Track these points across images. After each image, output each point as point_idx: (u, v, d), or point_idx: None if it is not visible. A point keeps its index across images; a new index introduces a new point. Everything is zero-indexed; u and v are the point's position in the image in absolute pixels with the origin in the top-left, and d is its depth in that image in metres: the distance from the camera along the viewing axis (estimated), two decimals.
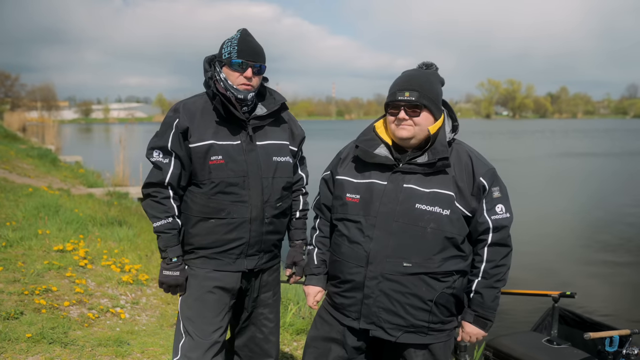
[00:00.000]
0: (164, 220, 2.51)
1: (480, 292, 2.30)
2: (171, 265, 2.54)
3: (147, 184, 2.55)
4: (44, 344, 3.83)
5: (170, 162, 2.51)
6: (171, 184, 2.52)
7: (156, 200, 2.52)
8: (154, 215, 2.52)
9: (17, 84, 69.47)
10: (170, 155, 2.52)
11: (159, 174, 2.51)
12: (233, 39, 2.54)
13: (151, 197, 2.54)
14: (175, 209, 2.54)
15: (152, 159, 2.54)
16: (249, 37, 2.55)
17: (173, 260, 2.53)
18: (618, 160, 29.90)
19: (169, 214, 2.52)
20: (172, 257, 2.53)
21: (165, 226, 2.52)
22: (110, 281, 5.33)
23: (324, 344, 2.48)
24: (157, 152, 2.54)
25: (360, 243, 2.30)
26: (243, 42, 2.51)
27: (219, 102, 2.49)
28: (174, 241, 2.53)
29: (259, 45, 2.57)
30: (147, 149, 2.57)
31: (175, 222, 2.54)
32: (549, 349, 3.35)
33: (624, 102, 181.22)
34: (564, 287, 3.81)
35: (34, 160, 16.60)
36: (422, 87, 2.25)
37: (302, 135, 2.81)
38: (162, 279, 2.56)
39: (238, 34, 2.55)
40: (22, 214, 7.32)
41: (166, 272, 2.55)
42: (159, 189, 2.52)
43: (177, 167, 2.52)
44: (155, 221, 2.52)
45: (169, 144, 2.51)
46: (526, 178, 21.18)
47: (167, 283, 2.56)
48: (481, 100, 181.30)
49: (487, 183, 2.25)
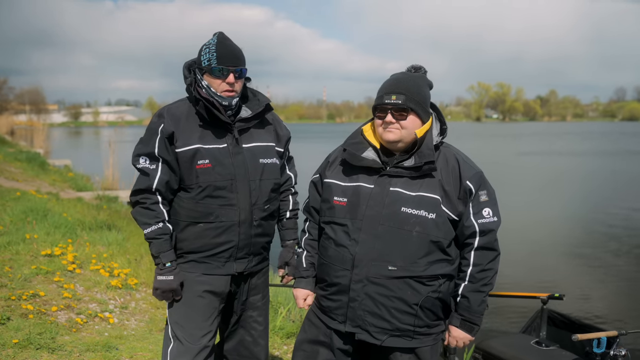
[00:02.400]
0: (154, 226, 2.49)
1: (466, 296, 2.30)
2: (165, 270, 2.51)
3: (135, 191, 2.53)
4: (31, 350, 3.80)
5: (157, 168, 2.49)
6: (159, 190, 2.50)
7: (145, 206, 2.50)
8: (144, 222, 2.50)
9: (5, 87, 68.90)
10: (157, 161, 2.50)
11: (146, 180, 2.49)
12: (210, 44, 2.50)
13: (140, 204, 2.52)
14: (165, 214, 2.52)
15: (139, 165, 2.52)
16: (226, 41, 2.52)
17: (167, 266, 2.51)
18: (606, 163, 30.10)
19: (159, 219, 2.50)
20: (166, 262, 2.51)
21: (156, 232, 2.50)
22: (99, 286, 5.29)
23: (312, 347, 2.47)
24: (144, 159, 2.51)
25: (346, 246, 2.30)
26: (221, 47, 2.48)
27: (203, 107, 2.48)
28: (166, 246, 2.51)
29: (238, 48, 2.54)
30: (133, 156, 2.55)
31: (166, 227, 2.52)
32: (538, 350, 3.36)
33: (612, 105, 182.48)
34: (552, 289, 3.83)
35: (22, 163, 16.50)
36: (409, 91, 2.25)
37: (287, 136, 2.80)
38: (157, 285, 2.54)
39: (215, 39, 2.52)
40: (9, 218, 7.26)
41: (160, 278, 2.52)
42: (147, 195, 2.50)
43: (165, 173, 2.50)
44: (146, 228, 2.50)
45: (155, 150, 2.49)
46: (515, 180, 21.29)
47: (162, 288, 2.53)
48: (471, 104, 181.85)
49: (474, 187, 2.26)
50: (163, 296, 2.55)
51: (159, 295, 2.55)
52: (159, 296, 2.55)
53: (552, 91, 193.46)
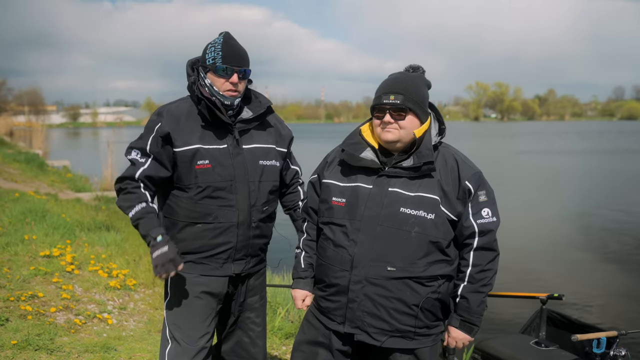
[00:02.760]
0: (137, 206, 2.45)
1: (466, 297, 2.29)
2: (157, 244, 2.39)
3: (119, 179, 2.53)
4: (29, 351, 3.79)
5: (146, 162, 2.49)
6: (142, 180, 2.48)
7: (127, 191, 2.48)
8: (128, 206, 2.46)
9: (3, 88, 68.97)
10: (148, 156, 2.49)
11: (131, 169, 2.50)
12: (216, 43, 2.51)
13: (122, 190, 2.51)
14: (147, 196, 2.49)
15: (130, 156, 2.53)
16: (232, 41, 2.53)
17: (158, 240, 2.40)
18: (605, 161, 30.13)
19: (141, 200, 2.47)
20: (156, 236, 2.41)
21: (140, 212, 2.44)
22: (98, 286, 5.29)
23: (311, 348, 2.47)
24: (136, 152, 2.52)
25: (344, 247, 2.30)
26: (227, 47, 2.49)
27: (205, 106, 2.48)
28: (153, 223, 2.44)
29: (243, 48, 2.55)
30: (127, 147, 2.56)
31: (150, 206, 2.47)
32: (537, 351, 3.36)
33: (611, 104, 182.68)
34: (551, 288, 3.82)
35: (21, 164, 16.48)
36: (407, 91, 2.24)
37: (290, 136, 2.81)
38: (155, 262, 2.39)
39: (221, 38, 2.52)
40: (8, 219, 7.26)
41: (155, 253, 2.38)
42: (129, 182, 2.49)
43: (152, 168, 2.49)
44: (130, 210, 2.45)
45: (147, 147, 2.49)
46: (514, 180, 21.30)
47: (160, 262, 2.37)
48: (469, 103, 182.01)
49: (473, 187, 2.25)
50: (165, 269, 2.37)
51: (161, 270, 2.37)
52: (161, 270, 2.38)
53: (550, 90, 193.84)
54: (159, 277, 2.41)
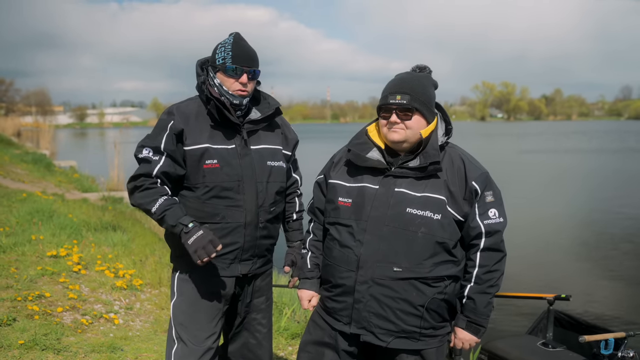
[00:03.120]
0: (160, 199, 2.38)
1: (472, 298, 2.29)
2: (191, 230, 2.32)
3: (133, 177, 2.44)
4: (36, 351, 3.81)
5: (160, 159, 2.43)
6: (159, 176, 2.42)
7: (144, 187, 2.41)
8: (149, 201, 2.38)
9: (11, 89, 69.57)
10: (162, 154, 2.44)
11: (147, 167, 2.42)
12: (226, 43, 2.51)
13: (137, 188, 2.42)
14: (167, 190, 2.43)
15: (141, 155, 2.45)
16: (242, 42, 2.53)
17: (190, 226, 2.33)
18: (613, 161, 29.98)
19: (162, 193, 2.41)
20: (187, 223, 2.33)
21: (164, 204, 2.37)
22: (104, 286, 5.30)
23: (317, 349, 2.46)
24: (147, 150, 2.45)
25: (351, 247, 2.29)
26: (237, 47, 2.49)
27: (214, 106, 2.47)
28: (180, 212, 2.37)
29: (253, 49, 2.55)
30: (137, 147, 2.49)
31: (172, 198, 2.43)
32: (545, 352, 3.34)
33: (618, 103, 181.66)
34: (559, 289, 3.80)
35: (29, 165, 16.57)
36: (413, 91, 2.24)
37: (295, 140, 2.81)
38: (193, 248, 2.29)
39: (231, 38, 2.52)
40: (15, 219, 7.29)
41: (191, 239, 2.30)
42: (146, 178, 2.42)
43: (167, 165, 2.43)
44: (152, 205, 2.37)
45: (162, 145, 2.44)
46: (521, 179, 21.23)
47: (199, 245, 2.29)
48: (476, 103, 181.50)
49: (480, 187, 2.24)
50: (206, 251, 2.28)
51: (201, 253, 2.28)
52: (202, 254, 2.28)
53: (557, 90, 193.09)
54: (200, 262, 2.31)
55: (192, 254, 2.31)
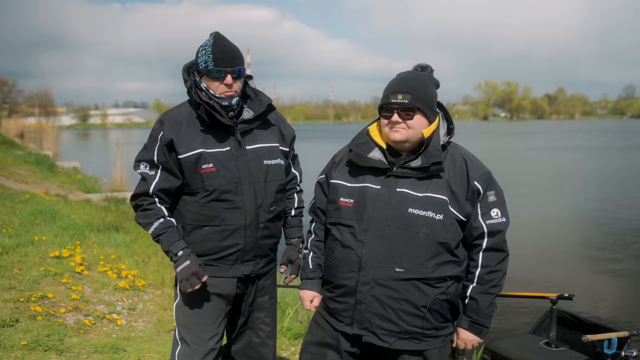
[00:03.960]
0: (155, 222, 2.50)
1: (475, 298, 2.27)
2: (179, 259, 2.47)
3: (133, 196, 2.56)
4: (39, 352, 3.81)
5: (156, 174, 2.51)
6: (156, 194, 2.51)
7: (143, 208, 2.52)
8: (147, 223, 2.52)
9: (14, 90, 69.72)
10: (157, 167, 2.51)
11: (144, 185, 2.52)
12: (207, 45, 2.47)
13: (138, 207, 2.55)
14: (163, 211, 2.52)
15: (139, 170, 2.55)
16: (222, 42, 2.49)
17: (179, 255, 2.47)
18: (616, 160, 29.89)
19: (158, 215, 2.51)
20: (177, 252, 2.48)
21: (159, 228, 2.50)
22: (107, 287, 5.31)
23: (319, 349, 2.46)
24: (144, 165, 2.53)
25: (352, 248, 2.28)
26: (217, 49, 2.45)
27: (204, 111, 2.46)
28: (174, 237, 2.50)
29: (235, 47, 2.51)
30: (135, 161, 2.57)
31: (168, 220, 2.52)
32: (548, 351, 3.33)
33: (621, 102, 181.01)
34: (562, 288, 3.80)
35: (32, 166, 16.60)
36: (415, 90, 2.23)
37: (292, 135, 2.78)
38: (179, 277, 2.47)
39: (211, 40, 2.49)
40: (18, 220, 7.31)
41: (179, 268, 2.47)
42: (144, 198, 2.52)
43: (163, 179, 2.50)
44: (149, 227, 2.51)
45: (154, 157, 2.50)
46: (523, 178, 21.19)
47: (184, 277, 2.44)
48: (478, 102, 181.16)
49: (482, 187, 2.23)
50: (190, 283, 2.44)
51: (187, 285, 2.44)
52: (187, 285, 2.44)
53: (560, 89, 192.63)
54: (185, 291, 2.48)
55: (178, 282, 2.52)
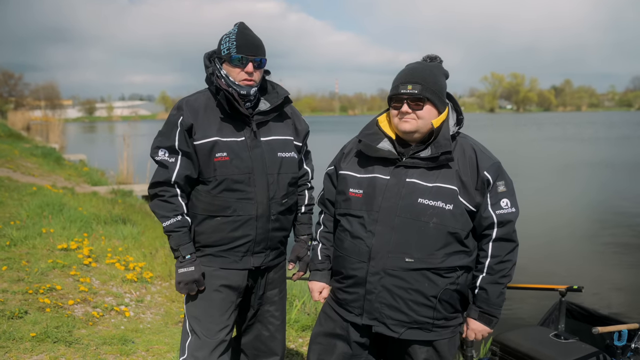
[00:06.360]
0: (173, 219, 2.48)
1: (485, 288, 2.27)
2: (185, 262, 2.50)
3: (154, 184, 2.51)
4: (48, 343, 3.83)
5: (177, 161, 2.47)
6: (178, 183, 2.48)
7: (164, 199, 2.49)
8: (163, 215, 2.49)
9: (20, 83, 69.91)
10: (177, 154, 2.47)
11: (165, 173, 2.47)
12: (231, 33, 2.49)
13: (158, 196, 2.50)
14: (183, 207, 2.51)
15: (157, 157, 2.50)
16: (247, 31, 2.50)
17: (186, 258, 2.49)
18: (625, 151, 29.69)
19: (177, 212, 2.49)
20: (185, 254, 2.49)
21: (175, 225, 2.48)
22: (115, 279, 5.32)
23: (329, 340, 2.46)
24: (163, 151, 2.49)
25: (362, 238, 2.28)
26: (241, 37, 2.46)
27: (223, 97, 2.45)
28: (185, 239, 2.50)
29: (258, 38, 2.52)
30: (152, 147, 2.52)
31: (185, 219, 2.51)
32: (557, 343, 3.31)
33: (629, 94, 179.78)
34: (571, 280, 3.77)
35: (38, 159, 16.64)
36: (425, 80, 2.21)
37: (306, 130, 2.78)
38: (179, 278, 2.51)
39: (235, 29, 2.50)
40: (26, 212, 7.33)
41: (181, 270, 2.50)
42: (166, 188, 2.48)
43: (184, 166, 2.47)
44: (165, 220, 2.49)
45: (176, 143, 2.46)
46: (531, 169, 21.09)
47: (184, 281, 2.50)
48: (485, 94, 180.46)
49: (492, 177, 2.21)
50: (187, 288, 2.51)
51: (183, 288, 2.51)
52: (183, 289, 2.52)
53: (567, 81, 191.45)
54: (179, 292, 2.54)
55: (175, 282, 2.54)
